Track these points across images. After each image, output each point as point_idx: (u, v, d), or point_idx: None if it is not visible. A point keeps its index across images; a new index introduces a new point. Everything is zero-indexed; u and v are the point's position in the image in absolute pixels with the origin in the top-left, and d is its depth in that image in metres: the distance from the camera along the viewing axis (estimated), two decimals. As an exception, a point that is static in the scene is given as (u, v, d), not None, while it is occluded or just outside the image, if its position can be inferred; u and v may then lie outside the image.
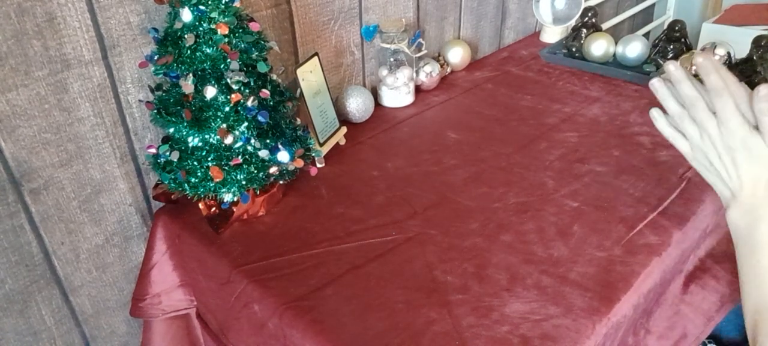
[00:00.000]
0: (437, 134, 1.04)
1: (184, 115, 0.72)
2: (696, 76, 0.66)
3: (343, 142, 1.02)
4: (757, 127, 0.61)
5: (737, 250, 0.65)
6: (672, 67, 0.64)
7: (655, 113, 0.71)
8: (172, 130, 0.75)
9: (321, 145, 0.94)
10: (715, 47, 1.17)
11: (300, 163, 0.81)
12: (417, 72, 1.19)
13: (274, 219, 0.82)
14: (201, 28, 0.70)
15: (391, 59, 1.14)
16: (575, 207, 0.81)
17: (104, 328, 0.91)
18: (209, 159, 0.74)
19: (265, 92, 0.76)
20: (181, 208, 0.85)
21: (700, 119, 0.65)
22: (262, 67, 0.75)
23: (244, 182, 0.76)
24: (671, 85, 0.67)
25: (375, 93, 1.17)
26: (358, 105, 1.06)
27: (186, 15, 0.69)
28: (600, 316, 0.62)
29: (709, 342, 0.99)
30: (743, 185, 0.63)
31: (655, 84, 0.68)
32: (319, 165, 0.94)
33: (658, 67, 1.20)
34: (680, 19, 1.21)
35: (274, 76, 0.80)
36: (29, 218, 0.77)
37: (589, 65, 1.28)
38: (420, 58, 1.20)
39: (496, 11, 1.46)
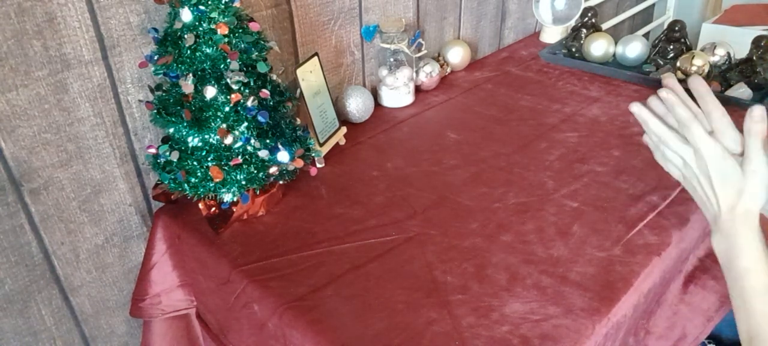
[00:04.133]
0: (437, 134, 1.04)
1: (184, 115, 0.72)
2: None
3: (343, 142, 1.02)
4: (742, 153, 0.62)
5: (725, 276, 0.65)
6: (664, 93, 0.65)
7: (646, 139, 0.72)
8: (172, 130, 0.75)
9: (321, 145, 0.94)
10: (715, 47, 1.17)
11: (300, 163, 0.81)
12: (417, 72, 1.19)
13: (274, 219, 0.82)
14: (201, 28, 0.70)
15: (391, 59, 1.14)
16: (575, 207, 0.81)
17: (104, 328, 0.91)
18: (209, 159, 0.74)
19: (265, 92, 0.76)
20: (181, 208, 0.85)
21: (676, 149, 0.66)
22: (262, 67, 0.75)
23: (244, 182, 0.76)
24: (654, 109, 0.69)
25: (375, 93, 1.17)
26: (358, 105, 1.06)
27: (186, 15, 0.69)
28: (600, 316, 0.62)
29: (709, 342, 0.99)
30: (721, 211, 0.64)
31: (635, 111, 0.69)
32: (319, 165, 0.94)
33: (658, 67, 1.20)
34: (680, 20, 1.21)
35: (274, 76, 0.80)
36: (29, 218, 0.77)
37: (589, 65, 1.28)
38: (420, 58, 1.20)
39: (496, 11, 1.46)
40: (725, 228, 0.63)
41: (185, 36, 0.69)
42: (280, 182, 0.84)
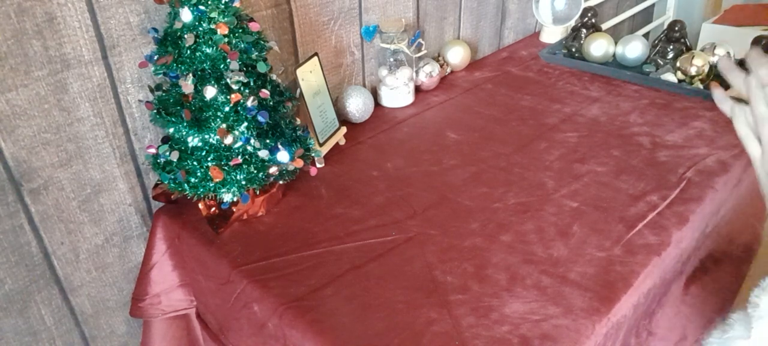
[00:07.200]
0: (437, 134, 1.04)
1: (183, 115, 0.72)
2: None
3: (342, 142, 1.02)
4: None
5: None
6: (764, 71, 0.59)
7: (736, 110, 0.65)
8: (171, 130, 0.75)
9: (321, 145, 0.94)
10: (715, 47, 1.17)
11: (300, 163, 0.81)
12: (417, 72, 1.19)
13: (274, 219, 0.82)
14: (201, 28, 0.70)
15: (391, 59, 1.14)
16: (575, 207, 0.81)
17: (104, 328, 0.91)
18: (209, 159, 0.74)
19: (265, 92, 0.76)
20: (181, 208, 0.85)
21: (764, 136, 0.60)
22: (262, 67, 0.75)
23: (243, 182, 0.76)
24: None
25: (375, 93, 1.17)
26: (357, 105, 1.06)
27: (186, 15, 0.69)
28: (600, 316, 0.62)
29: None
30: None
31: (750, 82, 0.61)
32: (318, 165, 0.94)
33: (658, 67, 1.20)
34: (680, 20, 1.21)
35: (274, 76, 0.80)
36: (29, 218, 0.77)
37: (588, 65, 1.28)
38: (420, 58, 1.20)
39: (496, 11, 1.46)
40: None
41: (185, 36, 0.69)
42: (280, 182, 0.84)
